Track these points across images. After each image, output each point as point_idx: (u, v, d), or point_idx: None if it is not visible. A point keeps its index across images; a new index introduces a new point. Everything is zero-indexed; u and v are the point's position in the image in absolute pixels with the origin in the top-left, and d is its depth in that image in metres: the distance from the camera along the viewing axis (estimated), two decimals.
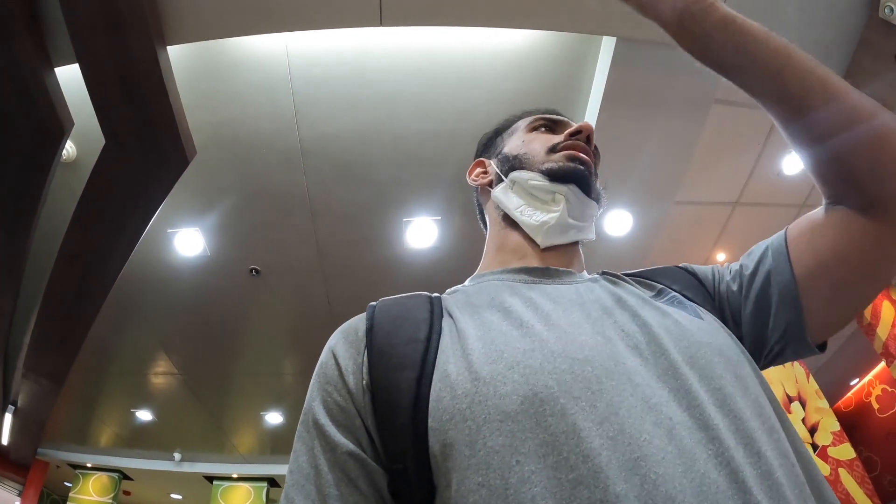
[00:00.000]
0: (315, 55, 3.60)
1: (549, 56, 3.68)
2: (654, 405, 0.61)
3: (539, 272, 0.91)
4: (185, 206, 4.44)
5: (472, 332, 0.73)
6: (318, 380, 0.75)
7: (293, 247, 4.91)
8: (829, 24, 3.42)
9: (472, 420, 0.61)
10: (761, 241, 0.90)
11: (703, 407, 0.61)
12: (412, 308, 0.80)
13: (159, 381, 7.14)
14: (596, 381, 0.63)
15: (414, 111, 3.90)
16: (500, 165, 1.04)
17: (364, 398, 0.70)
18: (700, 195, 4.79)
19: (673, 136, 4.07)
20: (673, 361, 0.67)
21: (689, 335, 0.72)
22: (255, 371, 6.95)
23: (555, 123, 1.07)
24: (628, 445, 0.57)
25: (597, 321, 0.74)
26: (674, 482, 0.54)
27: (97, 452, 9.17)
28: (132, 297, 5.29)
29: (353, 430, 0.70)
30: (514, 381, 0.63)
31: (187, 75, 3.41)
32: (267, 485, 9.43)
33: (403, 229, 4.74)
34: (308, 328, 5.92)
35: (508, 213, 0.99)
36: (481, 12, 3.13)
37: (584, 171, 0.96)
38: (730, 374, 0.67)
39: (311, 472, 0.69)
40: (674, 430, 0.58)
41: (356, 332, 0.78)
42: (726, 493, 0.54)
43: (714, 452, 0.57)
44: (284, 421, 8.09)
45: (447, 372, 0.67)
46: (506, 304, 0.79)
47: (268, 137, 4.02)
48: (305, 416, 0.74)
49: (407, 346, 0.72)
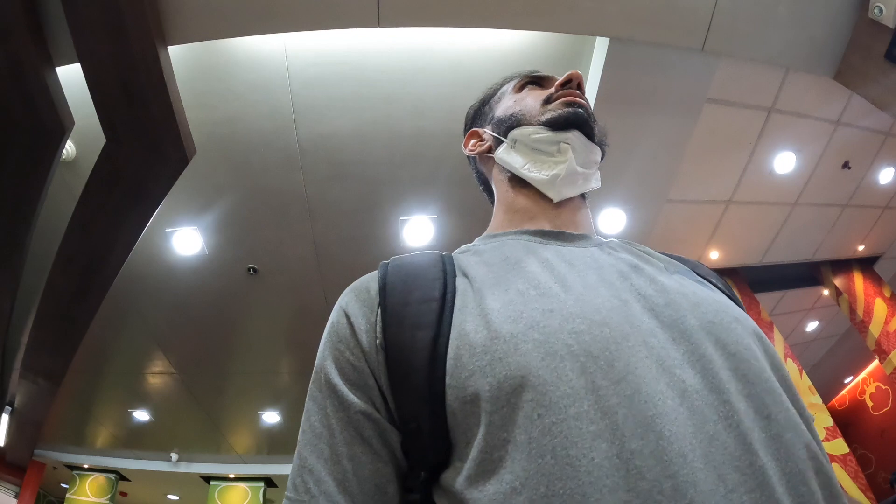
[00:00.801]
0: (313, 55, 3.63)
1: (544, 56, 3.72)
2: (668, 367, 0.62)
3: (553, 235, 0.89)
4: (184, 205, 4.46)
5: (490, 291, 0.72)
6: (330, 338, 0.75)
7: (291, 245, 4.93)
8: (821, 24, 3.46)
9: (492, 377, 0.61)
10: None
11: (715, 371, 0.62)
12: (425, 267, 0.78)
13: (156, 381, 7.13)
14: (613, 342, 0.63)
15: (411, 111, 3.94)
16: (496, 129, 1.02)
17: (378, 357, 0.70)
18: (693, 194, 4.83)
19: (666, 136, 4.12)
20: (689, 326, 0.67)
21: (707, 303, 0.72)
22: (253, 370, 6.96)
23: (541, 79, 1.06)
24: (644, 404, 0.57)
25: (612, 284, 0.74)
26: (685, 441, 0.55)
27: (94, 453, 9.14)
28: (130, 297, 5.30)
29: (366, 389, 0.70)
30: (534, 339, 0.63)
31: (186, 74, 3.42)
32: (264, 485, 9.40)
33: (400, 228, 4.78)
34: (305, 327, 5.92)
35: (515, 171, 0.97)
36: (477, 13, 3.17)
37: (583, 113, 0.94)
38: (745, 340, 0.68)
39: (324, 431, 0.69)
40: (686, 392, 0.59)
41: (368, 290, 0.77)
42: (734, 453, 0.55)
43: (724, 415, 0.58)
44: (282, 420, 8.08)
45: (465, 330, 0.67)
46: (522, 263, 0.78)
47: (266, 136, 4.05)
48: (317, 375, 0.74)
49: (421, 306, 0.71)
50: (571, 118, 0.93)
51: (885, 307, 6.26)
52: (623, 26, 3.32)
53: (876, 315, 6.24)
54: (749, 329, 0.70)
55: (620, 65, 3.61)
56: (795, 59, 3.66)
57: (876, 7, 3.22)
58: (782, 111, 4.38)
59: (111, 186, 3.49)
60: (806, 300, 7.18)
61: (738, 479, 0.54)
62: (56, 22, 2.84)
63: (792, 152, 4.78)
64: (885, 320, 6.18)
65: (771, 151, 4.70)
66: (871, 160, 5.21)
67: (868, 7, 3.28)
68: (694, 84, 3.88)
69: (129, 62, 2.92)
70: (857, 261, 6.58)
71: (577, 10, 3.19)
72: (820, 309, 7.43)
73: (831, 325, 7.82)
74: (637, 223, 4.73)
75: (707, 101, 4.03)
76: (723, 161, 4.67)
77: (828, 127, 4.70)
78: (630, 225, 4.72)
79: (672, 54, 3.57)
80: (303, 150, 4.13)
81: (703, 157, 4.46)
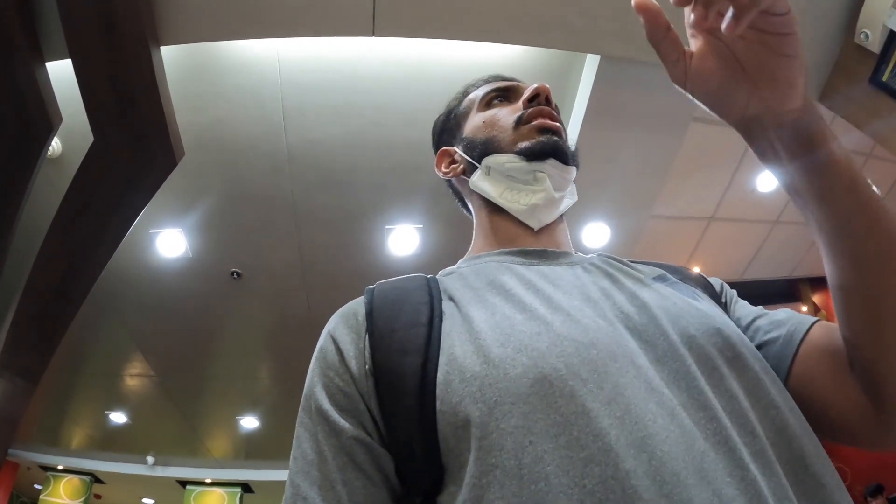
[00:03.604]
0: (306, 62, 3.62)
1: (535, 71, 3.74)
2: (655, 386, 0.62)
3: (536, 254, 0.89)
4: (169, 206, 4.42)
5: (477, 315, 0.72)
6: (319, 364, 0.74)
7: (275, 251, 4.91)
8: (806, 47, 3.42)
9: (482, 402, 0.61)
10: (786, 311, 0.84)
11: (701, 387, 0.63)
12: (411, 291, 0.79)
13: (134, 383, 7.06)
14: (601, 364, 0.63)
15: (400, 121, 3.94)
16: (468, 152, 1.00)
17: (367, 382, 0.70)
18: (676, 210, 4.87)
19: (651, 152, 4.16)
20: (672, 343, 0.68)
21: (687, 316, 0.72)
22: (232, 375, 6.90)
23: (507, 91, 1.04)
24: (635, 425, 0.58)
25: (597, 303, 0.74)
26: (678, 460, 0.55)
27: (69, 454, 9.02)
28: (111, 297, 5.24)
29: (357, 414, 0.69)
30: (524, 363, 0.63)
31: (177, 75, 3.40)
32: (241, 490, 9.32)
33: (385, 237, 4.78)
34: (287, 333, 5.89)
35: (492, 200, 0.96)
36: (471, 26, 3.17)
37: (557, 141, 0.93)
38: (727, 353, 0.68)
39: (316, 458, 0.68)
40: (675, 411, 0.60)
41: (355, 315, 0.77)
42: (725, 469, 0.56)
43: (713, 431, 0.59)
44: (260, 426, 8.03)
45: (454, 355, 0.67)
46: (506, 286, 0.78)
47: (255, 141, 4.03)
48: (307, 401, 0.73)
49: (409, 331, 0.71)
50: (547, 148, 0.92)
51: None
52: (614, 44, 3.33)
53: None
54: (731, 339, 0.71)
55: (610, 82, 3.64)
56: None
57: (862, 32, 3.26)
58: None
59: (97, 185, 3.44)
60: None
61: (732, 493, 0.55)
62: (49, 17, 2.81)
63: None
64: None
65: (754, 170, 4.75)
66: None
67: (854, 32, 3.32)
68: (681, 103, 3.88)
69: (121, 61, 2.89)
70: None
71: (569, 28, 3.20)
72: None
73: None
74: (621, 238, 4.76)
75: (693, 119, 4.07)
76: (706, 178, 4.72)
77: None
78: (614, 239, 4.75)
79: (661, 73, 3.50)
80: (291, 156, 4.12)
81: (688, 174, 4.50)
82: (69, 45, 2.84)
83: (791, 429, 0.64)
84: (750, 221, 5.32)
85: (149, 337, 6.12)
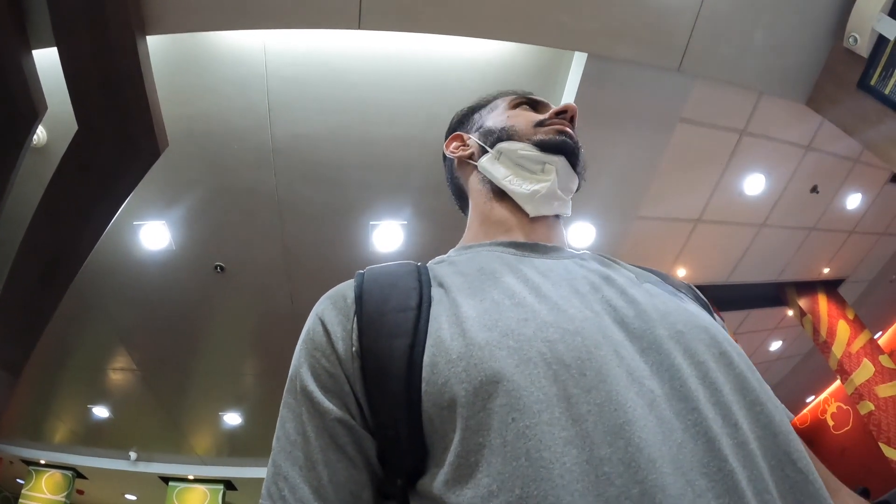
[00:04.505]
0: (292, 55, 3.61)
1: (522, 68, 3.74)
2: (637, 377, 0.63)
3: (528, 247, 0.91)
4: (153, 198, 4.39)
5: (465, 301, 0.73)
6: (306, 346, 0.75)
7: (259, 245, 4.89)
8: (796, 51, 3.51)
9: (468, 382, 0.62)
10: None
11: (684, 379, 0.64)
12: (401, 276, 0.80)
13: (117, 378, 7.00)
14: (586, 351, 0.65)
15: (386, 116, 3.93)
16: (483, 138, 1.04)
17: (353, 364, 0.71)
18: (663, 211, 4.88)
19: (639, 153, 4.16)
20: (658, 336, 0.69)
21: (675, 313, 0.74)
22: (216, 370, 6.86)
23: (536, 103, 1.08)
24: (614, 412, 0.59)
25: (585, 296, 0.75)
26: (654, 447, 0.56)
27: (51, 449, 8.94)
28: (94, 290, 5.20)
29: (341, 396, 0.70)
30: (509, 346, 0.65)
31: (164, 66, 3.38)
32: (223, 487, 9.26)
33: (370, 232, 4.76)
34: (270, 328, 5.87)
35: (496, 181, 0.99)
36: (458, 21, 3.17)
37: (572, 144, 0.98)
38: (714, 350, 0.69)
39: (299, 438, 0.69)
40: (654, 402, 0.61)
41: (344, 298, 0.78)
42: (702, 460, 0.57)
43: (692, 422, 0.60)
44: (243, 422, 7.98)
45: (441, 338, 0.68)
46: (497, 274, 0.80)
47: (240, 133, 4.01)
48: (292, 382, 0.74)
49: (398, 315, 0.72)
50: (561, 145, 0.97)
51: (848, 329, 6.36)
52: (601, 43, 3.34)
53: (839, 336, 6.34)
54: (718, 337, 0.72)
55: (597, 80, 3.64)
56: (769, 83, 3.73)
57: (851, 36, 3.28)
58: (754, 134, 4.45)
59: (81, 174, 3.42)
60: (770, 320, 7.28)
61: (707, 484, 0.55)
62: (36, 4, 2.80)
63: (762, 174, 4.86)
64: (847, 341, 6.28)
65: (741, 173, 4.77)
66: (839, 185, 5.31)
67: (843, 36, 3.33)
68: (668, 103, 3.92)
69: (107, 49, 2.88)
70: (821, 283, 6.68)
71: (556, 25, 3.20)
72: (784, 329, 7.54)
73: (794, 344, 7.94)
74: (607, 238, 4.76)
75: (681, 120, 4.08)
76: (693, 180, 4.72)
77: (798, 151, 4.78)
78: (600, 240, 4.75)
79: (648, 73, 3.61)
80: (276, 150, 4.10)
81: (675, 175, 4.51)
82: (55, 33, 2.83)
83: (776, 425, 0.64)
84: (737, 224, 5.33)
85: (132, 331, 6.07)
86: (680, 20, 3.28)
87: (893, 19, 3.07)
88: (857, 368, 6.11)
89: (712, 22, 3.31)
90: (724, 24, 3.35)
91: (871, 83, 3.31)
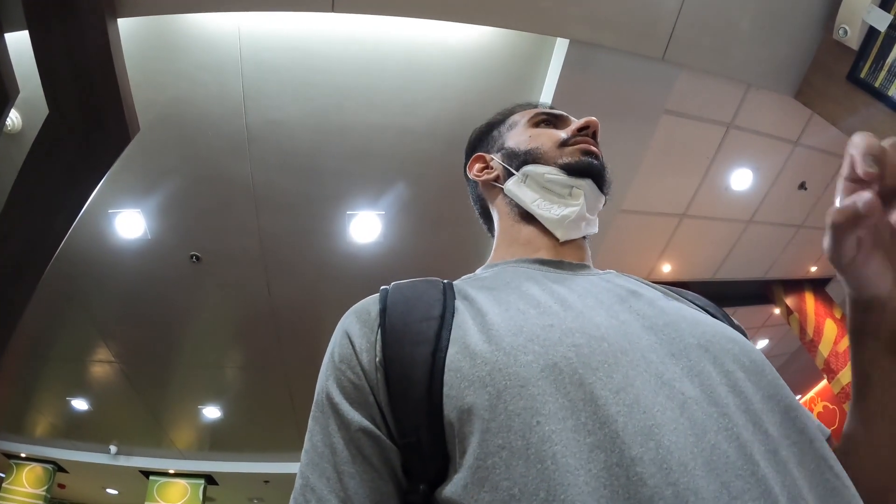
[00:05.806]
0: (267, 39, 3.53)
1: (502, 54, 3.66)
2: (667, 380, 0.63)
3: (554, 264, 0.93)
4: (128, 186, 4.32)
5: (491, 309, 0.75)
6: (332, 359, 0.77)
7: (235, 234, 4.82)
8: (784, 43, 3.48)
9: (491, 386, 0.63)
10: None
11: (713, 386, 0.64)
12: (426, 289, 0.81)
13: (96, 370, 6.95)
14: (612, 356, 0.65)
15: (364, 103, 3.86)
16: (507, 160, 1.05)
17: (377, 375, 0.71)
18: (647, 205, 4.82)
19: (622, 144, 4.09)
20: (687, 344, 0.69)
21: (704, 325, 0.74)
22: (194, 362, 6.82)
23: (556, 118, 1.08)
24: (643, 414, 0.59)
25: (611, 307, 0.76)
26: (686, 450, 0.56)
27: (32, 442, 8.91)
28: (70, 280, 5.14)
29: (366, 406, 0.71)
30: (535, 351, 0.65)
31: (136, 51, 3.32)
32: (204, 482, 9.27)
33: (347, 223, 4.69)
34: (249, 319, 5.83)
35: (524, 206, 1.00)
36: (436, 4, 3.11)
37: (599, 165, 0.98)
38: (743, 359, 0.69)
39: (326, 450, 0.70)
40: (686, 404, 0.61)
41: (369, 312, 0.79)
42: (735, 463, 0.56)
43: (724, 426, 0.59)
44: (223, 416, 7.94)
45: (466, 343, 0.69)
46: (522, 287, 0.81)
47: (214, 120, 3.93)
48: (319, 395, 0.76)
49: (421, 324, 0.73)
50: (588, 167, 0.97)
51: (836, 328, 6.34)
52: (583, 29, 3.28)
53: (826, 335, 6.31)
54: (747, 348, 0.72)
55: (579, 68, 3.57)
56: (757, 75, 3.69)
57: (841, 28, 3.25)
58: (741, 128, 4.39)
59: (50, 161, 3.37)
60: (757, 318, 7.25)
61: (742, 486, 0.55)
62: None
63: (749, 169, 4.80)
64: (834, 340, 6.25)
65: (728, 167, 4.71)
66: (828, 182, 5.25)
67: (833, 28, 3.30)
68: (652, 94, 3.86)
69: (77, 31, 2.82)
70: (809, 281, 6.65)
71: (535, 9, 3.15)
72: (770, 327, 7.51)
73: (781, 343, 7.91)
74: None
75: (665, 111, 4.01)
76: (678, 174, 4.67)
77: (786, 146, 4.72)
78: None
79: (632, 61, 3.54)
80: (251, 137, 4.02)
81: (659, 168, 4.45)
82: (27, 16, 2.78)
83: (811, 431, 0.65)
84: (723, 220, 5.28)
85: (110, 322, 6.01)
86: (664, 7, 3.23)
87: (884, 10, 3.04)
88: (843, 368, 6.09)
89: (698, 10, 3.26)
90: (710, 13, 3.30)
91: (860, 76, 3.29)
